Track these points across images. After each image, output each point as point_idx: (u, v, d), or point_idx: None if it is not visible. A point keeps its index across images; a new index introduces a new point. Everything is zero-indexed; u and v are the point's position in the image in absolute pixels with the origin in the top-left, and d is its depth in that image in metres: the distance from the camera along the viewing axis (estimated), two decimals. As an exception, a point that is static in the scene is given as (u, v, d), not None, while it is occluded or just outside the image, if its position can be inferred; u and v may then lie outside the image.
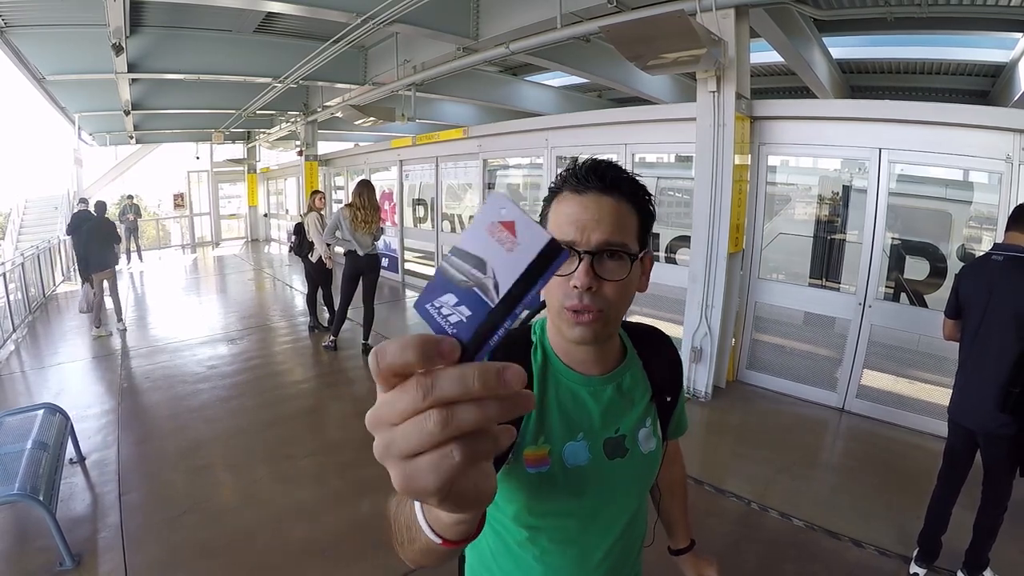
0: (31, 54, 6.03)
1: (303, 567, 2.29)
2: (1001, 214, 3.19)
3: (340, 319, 5.20)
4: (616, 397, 0.80)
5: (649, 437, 0.83)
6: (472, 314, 0.29)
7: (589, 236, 0.70)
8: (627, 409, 0.81)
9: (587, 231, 0.70)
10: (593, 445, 0.78)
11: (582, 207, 0.71)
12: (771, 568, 2.32)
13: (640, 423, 0.82)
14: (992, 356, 2.03)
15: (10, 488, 2.16)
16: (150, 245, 14.88)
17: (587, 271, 0.69)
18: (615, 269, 0.71)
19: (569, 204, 0.73)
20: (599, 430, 0.78)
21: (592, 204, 0.71)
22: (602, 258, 0.71)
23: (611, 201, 0.72)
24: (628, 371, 0.83)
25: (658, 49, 3.41)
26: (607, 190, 0.72)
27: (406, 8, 4.59)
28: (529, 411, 0.32)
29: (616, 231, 0.71)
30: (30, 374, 4.81)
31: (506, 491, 0.78)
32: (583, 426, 0.78)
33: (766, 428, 3.65)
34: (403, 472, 0.29)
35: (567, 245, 0.69)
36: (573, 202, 0.72)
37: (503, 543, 0.82)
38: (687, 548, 1.06)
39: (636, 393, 0.83)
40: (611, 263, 0.71)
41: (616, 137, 4.98)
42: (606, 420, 0.79)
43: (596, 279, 0.70)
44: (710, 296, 3.95)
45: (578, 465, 0.76)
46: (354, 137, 13.36)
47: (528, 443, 0.75)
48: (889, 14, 4.08)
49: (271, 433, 3.55)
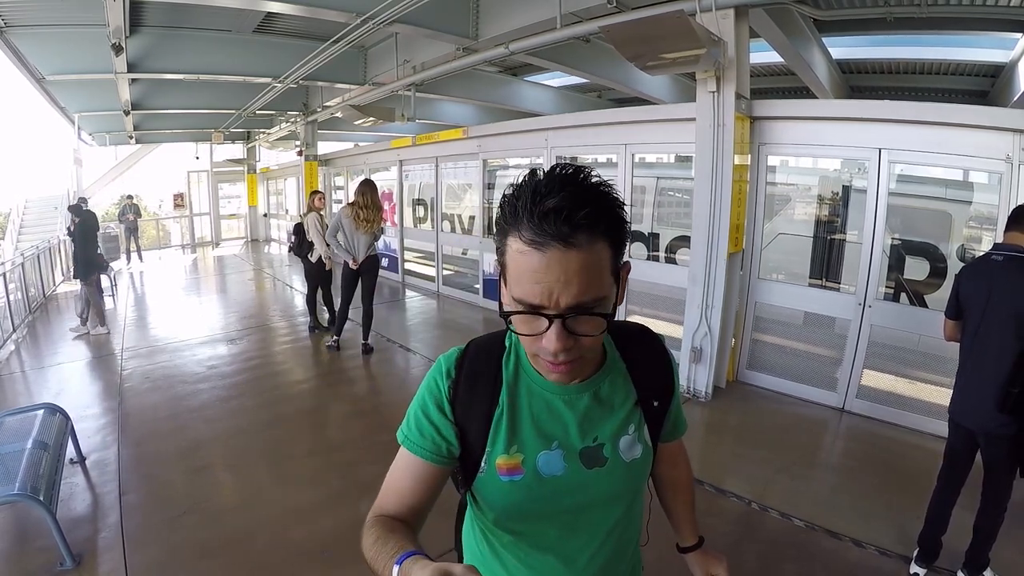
0: (31, 54, 6.03)
1: (303, 567, 2.29)
2: (1001, 214, 3.19)
3: (342, 319, 5.21)
4: (593, 405, 0.77)
5: (633, 444, 0.79)
6: None
7: (557, 299, 0.60)
8: (605, 417, 0.78)
9: (554, 294, 0.60)
10: (569, 455, 0.75)
11: (544, 266, 0.59)
12: (771, 568, 2.32)
13: (621, 431, 0.79)
14: (992, 356, 2.03)
15: (10, 488, 2.16)
16: (150, 245, 14.88)
17: (559, 336, 0.62)
18: (591, 326, 0.64)
19: (528, 259, 0.60)
20: (575, 439, 0.76)
21: (556, 262, 0.59)
22: (575, 316, 0.62)
23: (577, 255, 0.59)
24: (607, 377, 0.79)
25: (658, 49, 3.41)
26: (570, 241, 0.59)
27: (406, 8, 4.59)
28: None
29: (588, 288, 0.61)
30: (30, 374, 4.81)
31: (484, 498, 0.77)
32: (557, 435, 0.75)
33: (766, 428, 3.65)
34: None
35: (533, 308, 0.62)
36: (533, 258, 0.60)
37: (490, 545, 0.83)
38: (696, 546, 1.06)
39: (616, 399, 0.79)
40: (584, 319, 0.63)
41: (616, 137, 4.98)
42: (583, 429, 0.76)
43: (570, 337, 0.63)
44: (710, 296, 3.95)
45: (553, 475, 0.74)
46: (354, 137, 13.36)
47: (500, 451, 0.74)
48: (889, 14, 4.08)
49: (271, 433, 3.54)
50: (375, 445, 3.29)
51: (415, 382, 4.68)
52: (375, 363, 4.99)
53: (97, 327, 5.82)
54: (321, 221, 5.52)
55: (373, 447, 3.28)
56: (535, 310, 0.62)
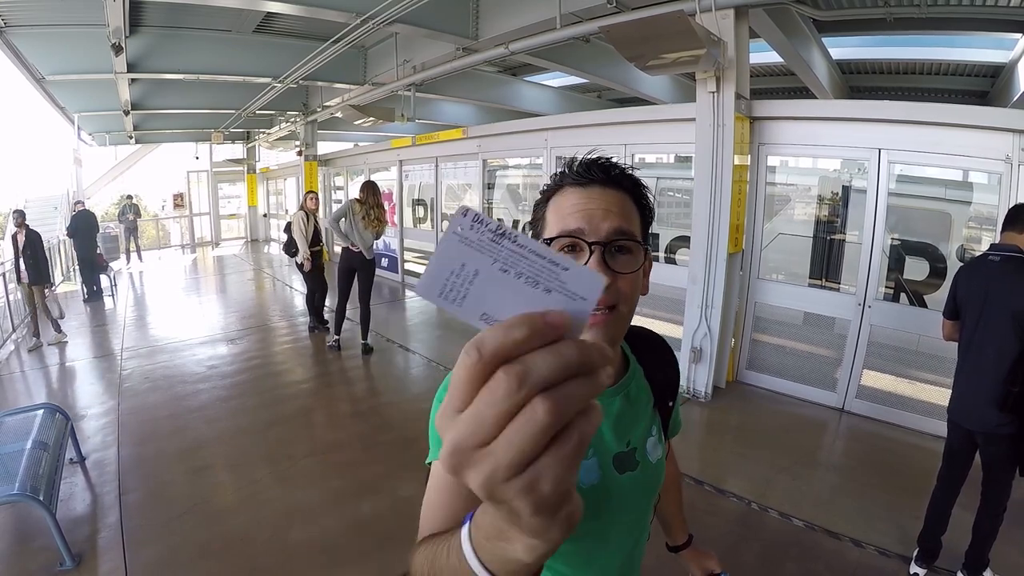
0: (31, 54, 6.03)
1: (303, 567, 2.29)
2: (1000, 214, 3.17)
3: (339, 317, 5.22)
4: (625, 407, 0.77)
5: (656, 445, 0.80)
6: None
7: (598, 225, 0.66)
8: (635, 419, 0.78)
9: (595, 220, 0.66)
10: (603, 461, 0.73)
11: (587, 198, 0.68)
12: (771, 568, 2.32)
13: (647, 432, 0.79)
14: (990, 355, 2.03)
15: (10, 488, 2.16)
16: (150, 245, 14.87)
17: (599, 262, 0.65)
18: (627, 261, 0.67)
19: (571, 196, 0.69)
20: (611, 444, 0.74)
21: (598, 195, 0.68)
22: (612, 250, 0.66)
23: (616, 193, 0.69)
24: (633, 380, 0.79)
25: (658, 49, 3.42)
26: (610, 183, 0.69)
27: (406, 8, 4.59)
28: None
29: (625, 221, 0.67)
30: (30, 374, 4.81)
31: None
32: (593, 442, 0.72)
33: (766, 428, 3.65)
34: (525, 485, 0.25)
35: (573, 235, 0.66)
36: (576, 194, 0.68)
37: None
38: (686, 544, 1.06)
39: (641, 401, 0.80)
40: (622, 256, 0.67)
41: (616, 137, 4.98)
42: (617, 433, 0.75)
43: (609, 271, 0.66)
44: (710, 296, 3.95)
45: (592, 484, 0.72)
46: (354, 137, 13.35)
47: None
48: (889, 14, 4.08)
49: (271, 433, 3.54)
50: (375, 445, 3.29)
51: (415, 382, 4.69)
52: (375, 363, 4.99)
53: (33, 340, 5.47)
54: (307, 221, 5.49)
55: (373, 447, 3.28)
56: (576, 236, 0.66)
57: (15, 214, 5.56)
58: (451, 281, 0.29)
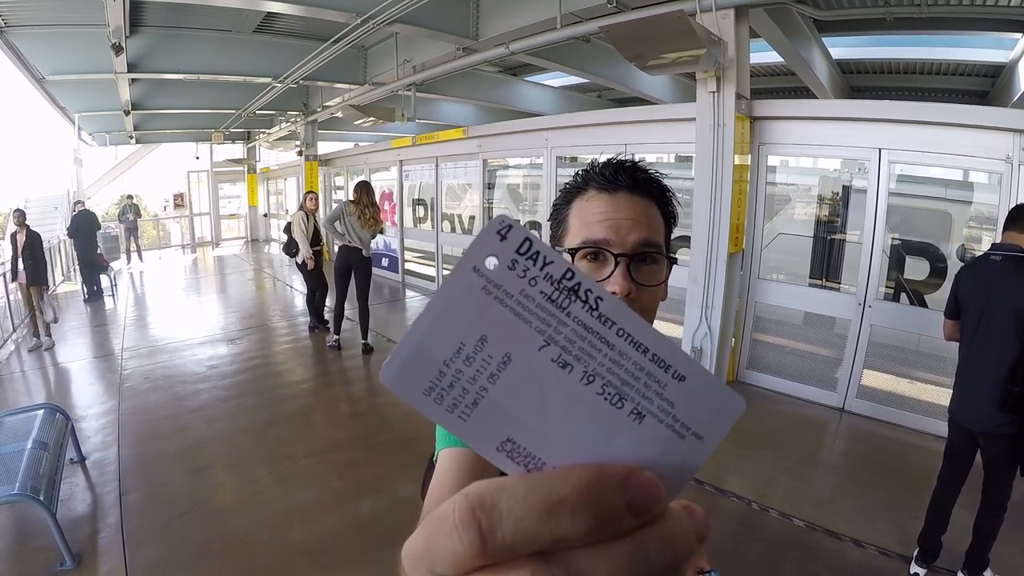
0: (31, 54, 6.03)
1: (303, 567, 2.29)
2: (1001, 214, 3.17)
3: (338, 316, 5.23)
4: None
5: None
6: None
7: (625, 237, 0.65)
8: None
9: (622, 231, 0.65)
10: None
11: (614, 206, 0.66)
12: (772, 568, 2.32)
13: None
14: (991, 355, 2.03)
15: (10, 488, 2.16)
16: (150, 245, 14.87)
17: (625, 275, 0.64)
18: (651, 272, 0.66)
19: (597, 203, 0.67)
20: None
21: (625, 203, 0.66)
22: (637, 262, 0.65)
23: (643, 201, 0.67)
24: None
25: (658, 49, 3.41)
26: (637, 190, 0.67)
27: (406, 8, 4.59)
28: None
29: (651, 232, 0.67)
30: (30, 374, 4.81)
31: None
32: None
33: (766, 428, 3.65)
34: None
35: (598, 245, 0.65)
36: (602, 201, 0.67)
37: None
38: None
39: None
40: (647, 268, 0.66)
41: (616, 137, 4.98)
42: None
43: (634, 284, 0.64)
44: (710, 296, 3.95)
45: None
46: (354, 137, 13.35)
47: None
48: (889, 14, 4.08)
49: (271, 433, 3.54)
50: (375, 445, 3.29)
51: (415, 382, 4.68)
52: (375, 363, 4.99)
53: (33, 340, 5.50)
54: (307, 221, 5.49)
55: (373, 447, 3.28)
56: (601, 247, 0.65)
57: (15, 213, 5.56)
58: (452, 368, 0.17)
